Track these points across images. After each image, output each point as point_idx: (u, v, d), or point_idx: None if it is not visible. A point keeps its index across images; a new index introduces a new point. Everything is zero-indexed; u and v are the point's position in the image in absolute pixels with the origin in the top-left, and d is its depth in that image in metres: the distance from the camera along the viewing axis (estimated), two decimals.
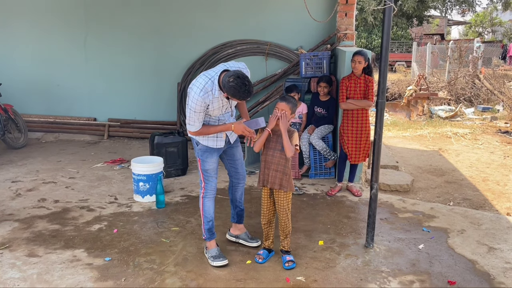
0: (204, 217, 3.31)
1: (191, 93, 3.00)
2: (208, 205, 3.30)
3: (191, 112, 3.02)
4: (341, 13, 5.85)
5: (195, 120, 3.04)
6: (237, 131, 3.14)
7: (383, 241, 3.63)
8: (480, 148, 7.28)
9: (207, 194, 3.30)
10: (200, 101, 2.97)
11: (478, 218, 4.16)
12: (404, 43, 27.06)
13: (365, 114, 4.55)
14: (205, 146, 3.22)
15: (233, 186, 3.52)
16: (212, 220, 3.33)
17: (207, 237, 3.32)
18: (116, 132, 7.23)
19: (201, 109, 3.00)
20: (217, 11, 6.57)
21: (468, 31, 41.63)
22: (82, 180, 5.15)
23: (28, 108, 7.33)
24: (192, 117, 3.04)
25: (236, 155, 3.43)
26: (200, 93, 2.96)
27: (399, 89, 13.12)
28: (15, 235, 3.66)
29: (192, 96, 2.99)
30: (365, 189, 4.83)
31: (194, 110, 2.99)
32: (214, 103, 3.04)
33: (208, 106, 3.02)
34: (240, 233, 3.57)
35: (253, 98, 6.55)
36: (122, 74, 7.09)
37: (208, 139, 3.21)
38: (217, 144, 3.24)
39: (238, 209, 3.56)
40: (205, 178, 3.28)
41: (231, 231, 3.61)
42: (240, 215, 3.57)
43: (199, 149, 3.25)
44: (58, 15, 7.04)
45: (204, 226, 3.31)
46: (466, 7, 25.38)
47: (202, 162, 3.26)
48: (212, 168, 3.27)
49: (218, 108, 3.10)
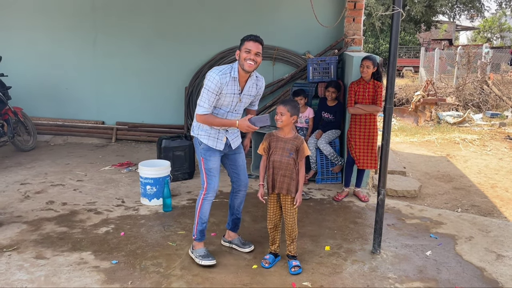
0: (199, 218, 3.29)
1: (210, 74, 3.09)
2: (206, 207, 3.30)
3: (205, 91, 3.07)
4: (349, 18, 5.85)
5: (206, 100, 3.06)
6: (241, 127, 3.13)
7: (390, 247, 3.61)
8: (489, 155, 7.23)
9: (208, 195, 3.29)
10: (217, 80, 3.03)
11: (487, 225, 4.13)
12: (412, 48, 27.01)
13: (373, 119, 4.54)
14: (207, 146, 3.24)
15: (234, 192, 3.50)
16: (206, 222, 3.33)
17: (198, 238, 3.32)
18: (124, 135, 7.28)
19: (216, 89, 3.04)
20: (225, 15, 6.60)
21: (477, 37, 41.44)
22: (90, 183, 5.18)
23: (37, 111, 7.40)
24: (204, 96, 3.08)
25: (238, 161, 3.42)
26: (218, 73, 3.06)
27: (407, 94, 13.10)
28: (23, 237, 3.69)
29: (210, 76, 3.07)
30: (372, 195, 4.82)
31: (209, 88, 3.04)
32: (229, 86, 3.09)
33: (222, 90, 3.07)
34: (233, 238, 3.57)
35: (260, 103, 6.56)
36: (130, 78, 7.14)
37: (209, 138, 3.23)
38: (217, 145, 3.25)
39: (235, 216, 3.53)
40: (208, 177, 3.27)
41: (225, 237, 3.62)
42: (236, 223, 3.55)
43: (202, 148, 3.26)
44: (68, 19, 7.11)
45: (197, 226, 3.30)
46: (475, 13, 25.28)
47: (206, 161, 3.26)
48: (215, 167, 3.27)
49: (230, 95, 3.12)
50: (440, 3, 21.39)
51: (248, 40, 3.08)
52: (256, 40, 3.09)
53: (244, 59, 3.07)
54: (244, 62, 3.07)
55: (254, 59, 3.07)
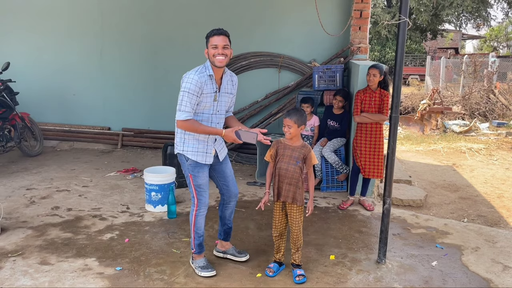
0: (195, 232, 3.25)
1: (185, 76, 2.99)
2: (200, 222, 3.25)
3: (185, 94, 2.93)
4: (355, 26, 5.86)
5: (187, 103, 2.93)
6: (228, 138, 3.04)
7: (395, 257, 3.58)
8: (495, 164, 7.18)
9: (200, 211, 3.22)
10: (196, 79, 2.93)
11: (493, 235, 4.09)
12: (418, 57, 26.98)
13: (379, 128, 4.53)
14: (195, 162, 3.12)
15: (224, 204, 3.39)
16: (202, 235, 3.29)
17: (197, 251, 3.29)
18: (130, 141, 7.30)
19: (196, 89, 2.93)
20: (231, 23, 6.61)
21: (483, 46, 41.36)
22: (95, 188, 5.20)
23: (44, 116, 7.45)
24: (184, 100, 2.93)
25: (226, 171, 3.32)
26: (196, 73, 2.97)
27: (413, 103, 13.07)
28: (28, 243, 3.70)
29: (187, 77, 2.96)
30: (377, 203, 4.79)
31: (188, 90, 2.92)
32: (208, 85, 3.01)
33: (203, 90, 2.98)
34: (227, 248, 3.50)
35: (266, 110, 6.57)
36: (137, 84, 7.18)
37: (197, 154, 3.11)
38: (206, 160, 3.15)
39: (226, 226, 3.45)
40: (198, 194, 3.17)
41: (218, 247, 3.54)
42: (228, 232, 3.48)
43: (189, 164, 3.12)
44: (75, 26, 7.17)
45: (194, 241, 3.27)
46: (481, 22, 25.25)
47: (194, 178, 3.14)
48: (204, 182, 3.17)
49: (210, 94, 3.03)
50: (446, 12, 21.39)
51: (212, 35, 2.99)
52: (221, 33, 2.98)
53: (213, 55, 2.98)
54: (214, 59, 2.99)
55: (223, 53, 2.97)
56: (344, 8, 6.15)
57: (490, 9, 27.71)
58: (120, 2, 6.96)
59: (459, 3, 20.90)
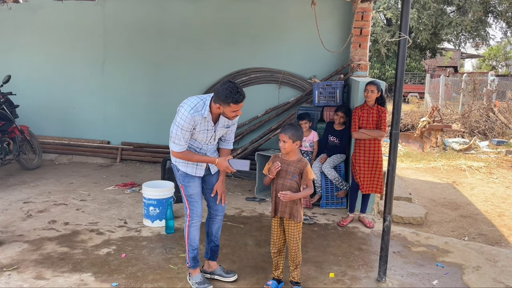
0: (189, 245, 3.22)
1: (181, 110, 2.98)
2: (194, 233, 3.22)
3: (178, 130, 2.97)
4: (355, 44, 5.91)
5: (181, 138, 2.98)
6: (221, 166, 3.10)
7: (395, 275, 3.53)
8: (495, 182, 7.15)
9: (193, 221, 3.21)
10: (189, 119, 2.94)
11: (494, 254, 4.04)
12: (417, 75, 27.16)
13: (377, 144, 4.52)
14: (184, 172, 3.16)
15: (211, 218, 3.36)
16: (197, 248, 3.26)
17: (192, 265, 3.25)
18: (129, 155, 7.28)
19: (189, 127, 2.96)
20: (232, 39, 6.69)
21: (482, 64, 41.67)
22: (93, 202, 5.16)
23: (44, 130, 7.45)
24: (178, 135, 2.98)
25: (214, 182, 3.30)
26: (190, 111, 2.95)
27: (412, 120, 13.08)
28: (23, 257, 3.65)
29: (181, 113, 2.97)
30: (377, 221, 4.75)
31: (182, 127, 2.95)
32: (202, 124, 3.01)
33: (195, 127, 2.99)
34: (214, 269, 3.41)
35: (266, 125, 6.57)
36: (137, 99, 7.20)
37: (187, 165, 3.15)
38: (197, 172, 3.18)
39: (213, 244, 3.38)
40: (190, 204, 3.19)
41: (204, 268, 3.43)
42: (214, 251, 3.40)
43: (180, 174, 3.18)
44: (77, 40, 7.22)
45: (189, 254, 3.23)
46: (480, 41, 25.47)
47: (185, 188, 3.17)
48: (196, 192, 3.19)
49: (204, 131, 3.05)
50: (445, 31, 21.60)
51: (235, 103, 2.90)
52: (243, 100, 2.95)
53: (232, 116, 3.01)
54: (227, 116, 3.01)
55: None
56: (344, 26, 6.21)
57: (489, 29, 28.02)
58: (123, 18, 7.03)
59: (458, 23, 21.12)
